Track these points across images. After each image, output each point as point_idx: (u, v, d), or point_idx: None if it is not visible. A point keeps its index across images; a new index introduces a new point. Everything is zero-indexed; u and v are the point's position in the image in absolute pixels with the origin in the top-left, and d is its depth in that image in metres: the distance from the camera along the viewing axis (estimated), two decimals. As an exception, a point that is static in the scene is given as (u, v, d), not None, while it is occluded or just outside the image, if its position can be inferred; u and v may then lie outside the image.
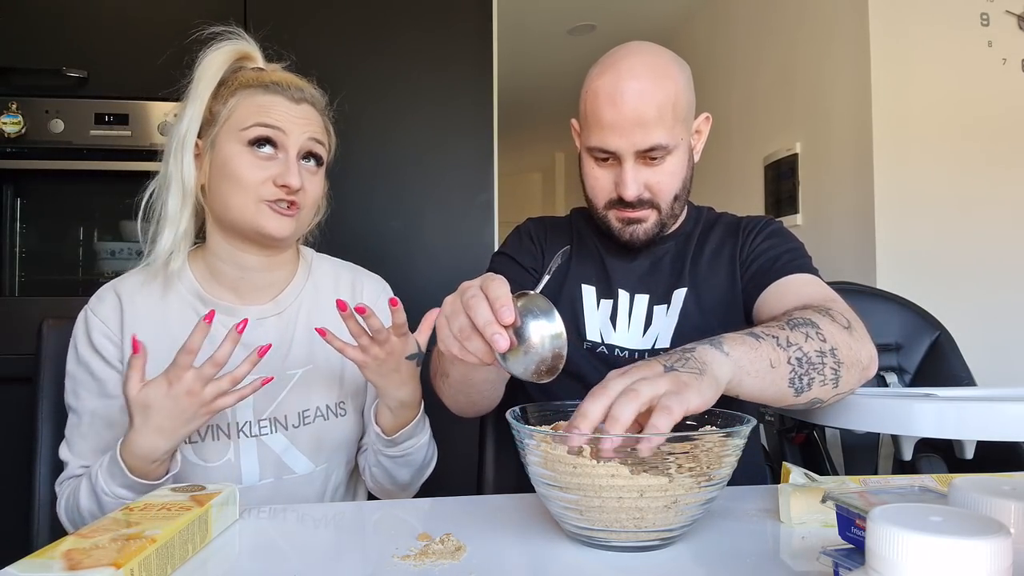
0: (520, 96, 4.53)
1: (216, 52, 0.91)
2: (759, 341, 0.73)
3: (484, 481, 1.14)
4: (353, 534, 0.70)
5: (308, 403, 0.93)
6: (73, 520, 0.84)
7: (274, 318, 0.95)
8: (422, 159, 1.85)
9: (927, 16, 2.24)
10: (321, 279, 1.01)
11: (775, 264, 0.97)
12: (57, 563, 0.49)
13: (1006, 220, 2.26)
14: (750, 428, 0.61)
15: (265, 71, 0.92)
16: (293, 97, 0.90)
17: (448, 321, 0.67)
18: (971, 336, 1.66)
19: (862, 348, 0.82)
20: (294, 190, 0.87)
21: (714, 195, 3.29)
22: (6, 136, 1.62)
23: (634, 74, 0.90)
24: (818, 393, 0.78)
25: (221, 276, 0.93)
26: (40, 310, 1.54)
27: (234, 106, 0.88)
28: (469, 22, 1.87)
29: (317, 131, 0.92)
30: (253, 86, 0.89)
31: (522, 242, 1.10)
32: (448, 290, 0.69)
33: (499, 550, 0.62)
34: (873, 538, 0.32)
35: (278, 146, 0.88)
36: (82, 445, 0.88)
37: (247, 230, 0.89)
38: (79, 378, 0.89)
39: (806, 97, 2.60)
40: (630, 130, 0.89)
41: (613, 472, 0.56)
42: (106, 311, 0.90)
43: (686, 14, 3.60)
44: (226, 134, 0.88)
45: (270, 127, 0.87)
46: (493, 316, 0.63)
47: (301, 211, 0.90)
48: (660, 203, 0.96)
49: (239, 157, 0.87)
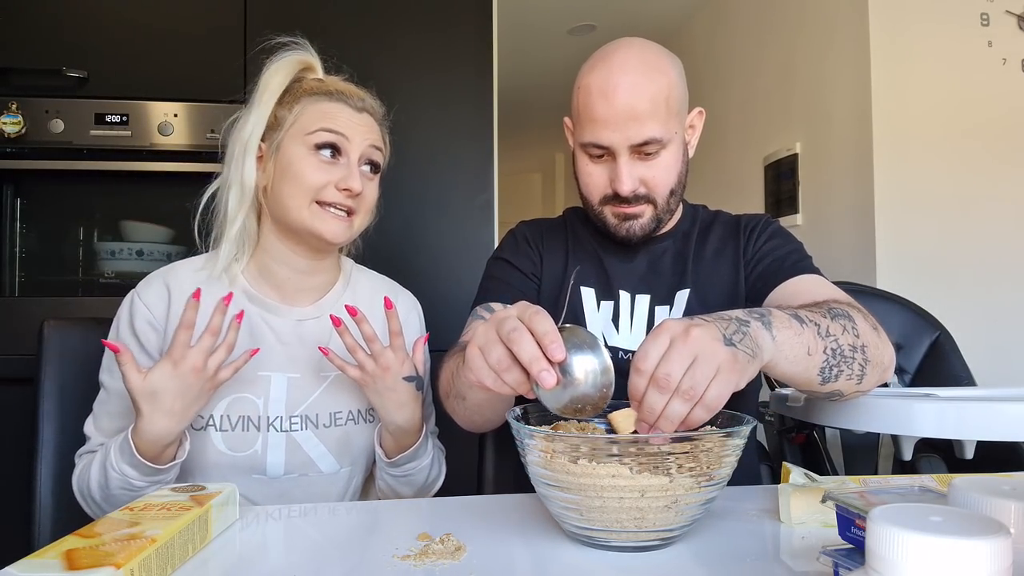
0: (520, 96, 4.53)
1: (282, 62, 0.95)
2: (803, 327, 0.73)
3: (484, 481, 1.14)
4: (353, 534, 0.70)
5: (340, 405, 0.95)
6: (81, 490, 0.86)
7: (313, 321, 0.97)
8: (422, 159, 1.85)
9: (927, 16, 2.24)
10: (360, 289, 1.03)
11: (783, 264, 0.97)
12: (57, 563, 0.49)
13: (1006, 220, 2.26)
14: (750, 428, 0.61)
15: (326, 81, 0.96)
16: (355, 106, 0.93)
17: (483, 351, 0.64)
18: (971, 336, 1.66)
19: (886, 350, 0.83)
20: (355, 193, 0.91)
21: (714, 195, 3.29)
22: (6, 136, 1.62)
23: (626, 68, 0.90)
24: (842, 386, 0.79)
25: (270, 275, 0.96)
26: (40, 310, 1.54)
27: (300, 112, 0.92)
28: (469, 22, 1.87)
29: (377, 139, 0.95)
30: (318, 93, 0.93)
31: (519, 246, 1.09)
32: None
33: (499, 550, 0.62)
34: (873, 538, 0.32)
35: (341, 151, 0.92)
36: (107, 423, 0.90)
37: (303, 231, 0.91)
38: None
39: (806, 97, 2.60)
40: (623, 124, 0.89)
41: (614, 472, 0.56)
42: (153, 298, 0.92)
43: (686, 14, 3.60)
44: (291, 138, 0.91)
45: (335, 132, 0.91)
46: (540, 352, 0.61)
47: (356, 216, 0.94)
48: (656, 198, 0.95)
49: (304, 160, 0.90)
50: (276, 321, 0.95)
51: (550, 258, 1.07)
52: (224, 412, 0.90)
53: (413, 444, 0.93)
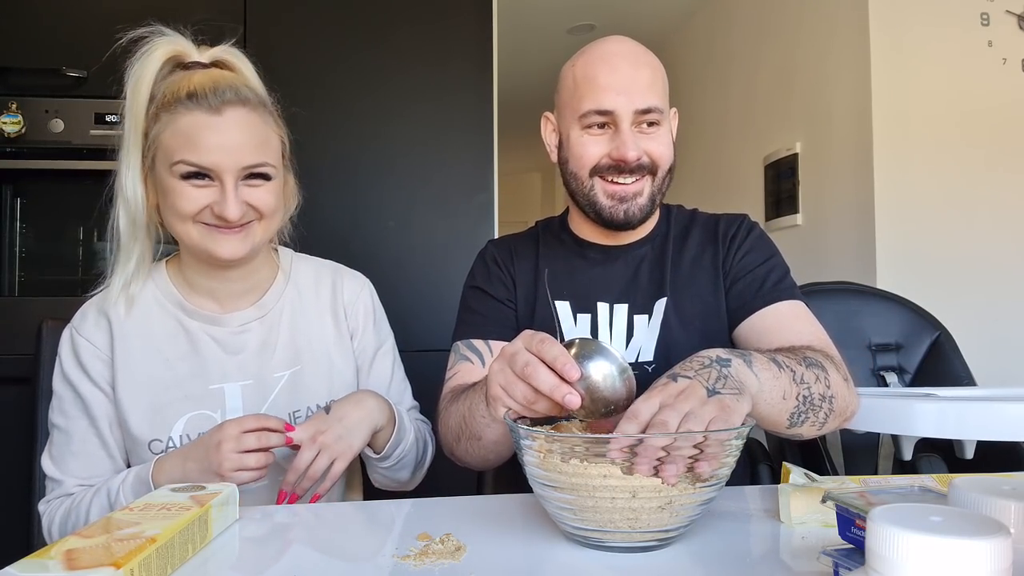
0: (520, 96, 4.53)
1: (142, 64, 0.86)
2: (780, 371, 0.75)
3: (484, 481, 1.14)
4: (353, 534, 0.70)
5: (298, 404, 0.93)
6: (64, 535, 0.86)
7: (257, 323, 0.94)
8: (421, 159, 1.85)
9: (927, 16, 2.24)
10: (302, 279, 1.00)
11: (763, 285, 0.96)
12: (57, 563, 0.49)
13: (1006, 220, 2.26)
14: (748, 429, 0.61)
15: (185, 77, 0.85)
16: (213, 106, 0.82)
17: (506, 391, 0.67)
18: (971, 336, 1.66)
19: (852, 401, 0.86)
20: (233, 220, 0.83)
21: (714, 195, 3.29)
22: (6, 136, 1.62)
23: (621, 46, 0.94)
24: (804, 431, 0.82)
25: (199, 287, 0.93)
26: (40, 310, 1.53)
27: (158, 133, 0.84)
28: (469, 22, 1.87)
29: (250, 149, 0.84)
30: (173, 103, 0.83)
31: (490, 271, 1.06)
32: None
33: (499, 550, 0.62)
34: (873, 538, 0.32)
35: (212, 176, 0.83)
36: (74, 464, 0.88)
37: (199, 253, 0.87)
38: (66, 397, 0.89)
39: (806, 97, 2.60)
40: (628, 88, 0.90)
41: (605, 473, 0.56)
42: (91, 329, 0.90)
43: (686, 14, 3.60)
44: (160, 164, 0.84)
45: (196, 166, 0.82)
46: (557, 379, 0.64)
47: (255, 226, 0.87)
48: (658, 170, 0.95)
49: (175, 190, 0.83)
50: (217, 331, 0.92)
51: (522, 276, 1.05)
52: (182, 432, 0.88)
53: (391, 432, 0.91)
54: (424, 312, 1.80)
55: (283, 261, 1.00)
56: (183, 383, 0.89)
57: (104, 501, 0.83)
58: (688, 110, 3.58)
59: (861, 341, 1.48)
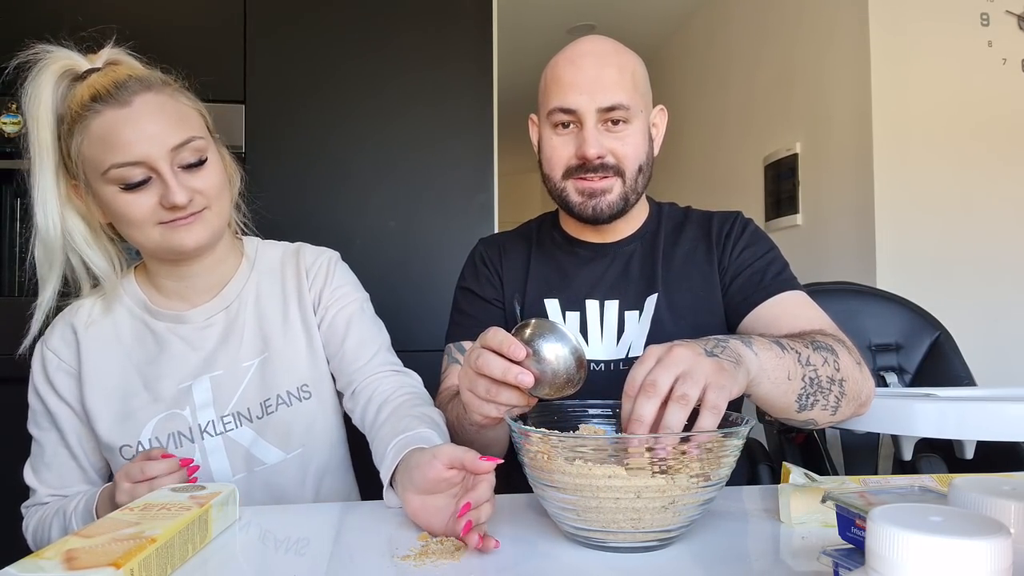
0: (520, 96, 4.52)
1: (36, 85, 0.83)
2: (784, 352, 0.75)
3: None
4: (353, 534, 0.70)
5: (269, 392, 0.92)
6: (38, 543, 0.88)
7: (221, 314, 0.94)
8: (421, 159, 1.85)
9: (927, 16, 2.24)
10: (267, 265, 0.98)
11: (764, 278, 0.96)
12: (57, 563, 0.49)
13: (1006, 220, 2.26)
14: (749, 429, 0.61)
15: (84, 84, 0.83)
16: (120, 100, 0.80)
17: (472, 391, 0.70)
18: (971, 336, 1.66)
19: (865, 385, 0.85)
20: (182, 207, 0.82)
21: (714, 195, 3.29)
22: (6, 136, 1.62)
23: (594, 43, 0.95)
24: (816, 415, 0.81)
25: (165, 290, 0.94)
26: (40, 310, 1.54)
27: (78, 147, 0.82)
28: (469, 21, 1.87)
29: (171, 128, 0.82)
30: (80, 112, 0.81)
31: (478, 271, 1.07)
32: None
33: (499, 550, 0.62)
34: (873, 538, 0.32)
35: (146, 168, 0.81)
36: (47, 474, 0.91)
37: (165, 253, 0.87)
38: (37, 409, 0.92)
39: (806, 97, 2.60)
40: (591, 87, 0.91)
41: (610, 473, 0.56)
42: (57, 343, 0.92)
43: (685, 14, 3.60)
44: (93, 179, 0.83)
45: (125, 166, 0.80)
46: (507, 362, 0.66)
47: (209, 210, 0.86)
48: (625, 170, 0.94)
49: (116, 199, 0.82)
50: (183, 329, 0.92)
51: (510, 274, 1.05)
52: (151, 435, 0.88)
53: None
54: (424, 312, 1.80)
55: (248, 249, 0.99)
56: (152, 386, 0.90)
57: (61, 523, 0.86)
58: (688, 110, 3.58)
59: (861, 341, 1.48)
